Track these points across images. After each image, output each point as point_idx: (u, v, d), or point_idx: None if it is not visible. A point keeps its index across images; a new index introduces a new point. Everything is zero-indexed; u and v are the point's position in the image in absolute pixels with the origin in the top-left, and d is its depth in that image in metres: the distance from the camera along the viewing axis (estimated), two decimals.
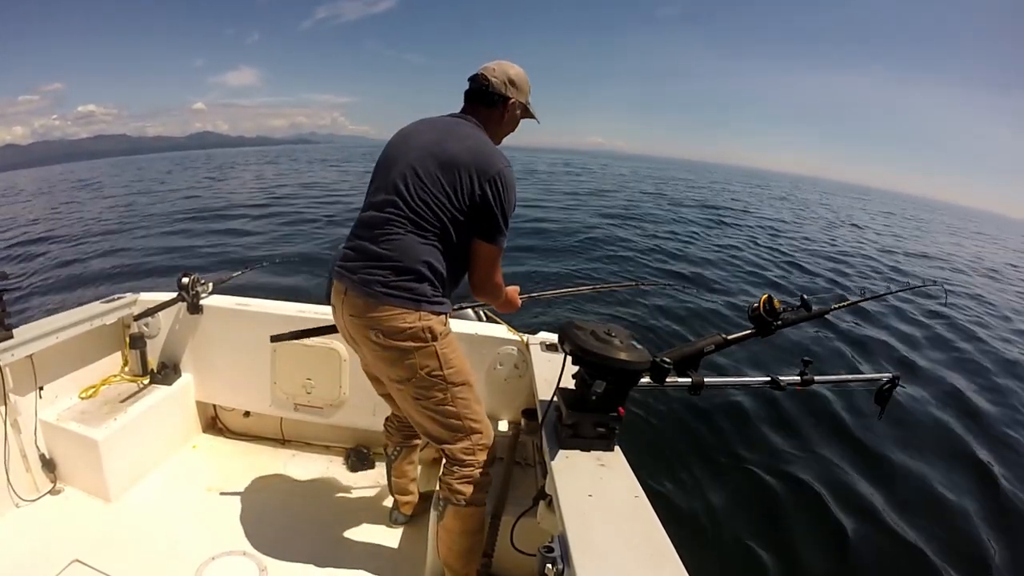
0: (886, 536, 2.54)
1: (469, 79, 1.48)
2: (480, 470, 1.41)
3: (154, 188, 18.58)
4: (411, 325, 1.29)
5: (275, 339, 1.90)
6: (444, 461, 1.45)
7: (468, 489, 1.39)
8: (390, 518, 1.94)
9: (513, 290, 1.60)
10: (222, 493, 2.04)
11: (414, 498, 1.93)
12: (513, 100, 1.47)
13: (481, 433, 1.43)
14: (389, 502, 1.99)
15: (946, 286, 2.07)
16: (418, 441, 1.82)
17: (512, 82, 1.46)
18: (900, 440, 3.37)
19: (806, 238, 13.26)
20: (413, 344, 1.31)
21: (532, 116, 1.57)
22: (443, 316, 1.37)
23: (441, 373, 1.35)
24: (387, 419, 1.81)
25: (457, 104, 1.51)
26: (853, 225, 19.14)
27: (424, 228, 1.29)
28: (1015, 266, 15.03)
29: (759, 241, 11.50)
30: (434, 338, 1.32)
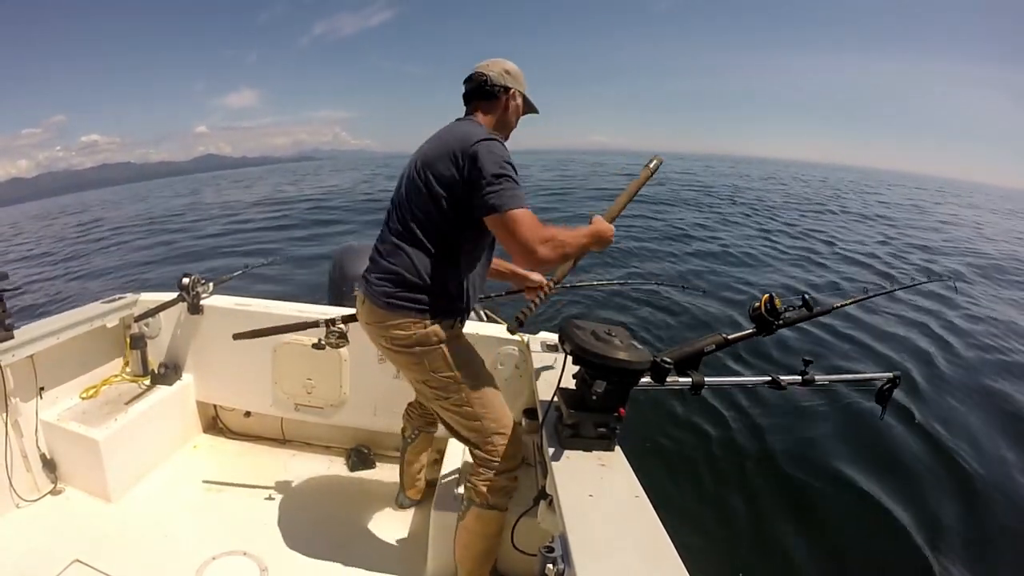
0: (887, 536, 2.53)
1: (464, 81, 1.48)
2: (503, 473, 1.41)
3: None
4: (414, 332, 1.34)
5: (237, 337, 1.90)
6: (473, 462, 1.46)
7: (490, 492, 1.40)
8: (396, 502, 1.99)
9: (591, 228, 1.37)
10: (222, 493, 2.04)
11: (421, 484, 1.98)
12: (513, 89, 1.47)
13: (501, 434, 1.42)
14: (390, 502, 2.00)
15: (958, 282, 2.00)
16: (435, 429, 1.86)
17: (509, 72, 1.46)
18: (908, 439, 3.35)
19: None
20: (421, 348, 1.35)
21: (533, 108, 1.56)
22: (450, 320, 1.38)
23: (452, 374, 1.37)
24: (410, 404, 1.86)
25: (459, 107, 1.52)
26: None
27: (422, 240, 1.32)
28: None
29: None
30: (440, 341, 1.35)
